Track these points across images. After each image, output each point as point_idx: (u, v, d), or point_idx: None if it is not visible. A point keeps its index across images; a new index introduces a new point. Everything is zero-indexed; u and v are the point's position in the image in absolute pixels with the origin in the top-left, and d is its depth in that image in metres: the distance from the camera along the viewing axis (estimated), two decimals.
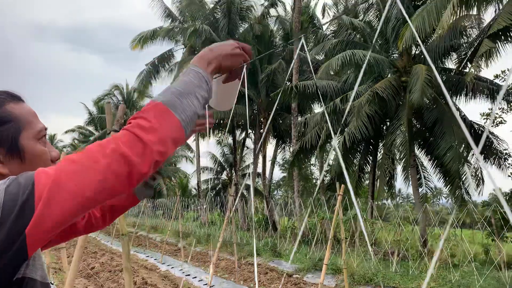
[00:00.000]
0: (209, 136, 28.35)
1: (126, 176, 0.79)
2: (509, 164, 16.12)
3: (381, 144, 17.75)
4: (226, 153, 34.87)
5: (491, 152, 15.52)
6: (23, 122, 0.96)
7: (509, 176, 16.22)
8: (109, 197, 0.80)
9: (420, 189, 16.36)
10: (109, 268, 10.46)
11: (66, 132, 41.91)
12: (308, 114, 21.46)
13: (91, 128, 40.20)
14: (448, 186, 15.26)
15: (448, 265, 10.80)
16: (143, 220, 21.93)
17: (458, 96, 15.91)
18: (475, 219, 12.56)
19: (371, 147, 18.00)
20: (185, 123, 0.88)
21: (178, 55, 26.06)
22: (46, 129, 1.02)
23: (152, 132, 0.82)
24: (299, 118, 20.29)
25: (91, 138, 35.39)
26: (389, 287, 9.40)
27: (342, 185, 6.50)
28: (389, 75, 16.18)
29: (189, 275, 10.82)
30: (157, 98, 0.88)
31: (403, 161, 15.79)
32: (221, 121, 24.95)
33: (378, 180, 18.12)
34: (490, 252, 12.71)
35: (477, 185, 15.38)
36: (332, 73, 18.03)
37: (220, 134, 28.38)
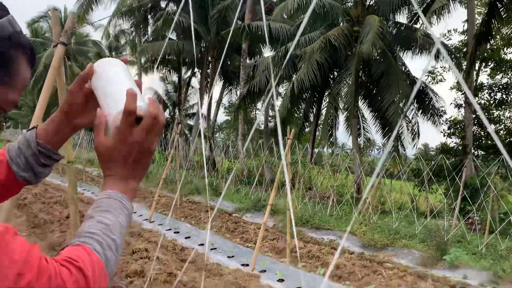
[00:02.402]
0: (153, 72, 27.28)
1: None
2: (442, 121, 17.06)
3: (326, 93, 17.99)
4: (169, 91, 33.88)
5: (428, 108, 16.26)
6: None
7: (441, 132, 17.22)
8: None
9: (359, 139, 17.00)
10: (42, 200, 10.02)
11: None
12: (258, 57, 21.10)
13: None
14: (386, 138, 15.95)
15: (379, 211, 11.50)
16: (80, 153, 21.11)
17: (406, 51, 16.26)
18: (405, 170, 13.26)
19: (317, 95, 18.20)
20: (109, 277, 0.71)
21: None
22: None
23: None
24: (249, 61, 19.91)
25: None
26: (324, 229, 9.84)
27: (293, 130, 6.48)
28: (342, 24, 16.09)
29: None
30: (96, 249, 0.68)
31: (346, 111, 16.17)
32: (166, 57, 23.93)
33: (320, 128, 18.54)
34: (415, 202, 13.62)
35: (413, 139, 16.20)
36: (285, 16, 17.63)
37: (164, 70, 27.35)
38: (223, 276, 5.81)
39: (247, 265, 6.46)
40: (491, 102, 18.09)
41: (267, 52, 22.09)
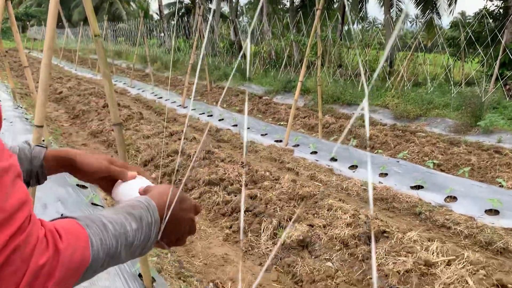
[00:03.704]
0: None
1: None
2: None
3: None
4: None
5: None
6: None
7: None
8: None
9: (391, 10, 16.01)
10: (77, 92, 10.29)
11: None
12: None
13: None
14: (421, 5, 14.92)
15: (410, 84, 11.24)
16: (106, 46, 21.04)
17: None
18: (440, 43, 12.57)
19: None
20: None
21: None
22: None
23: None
24: None
25: None
26: (355, 104, 9.82)
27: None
28: None
29: (161, 97, 10.87)
30: (93, 243, 0.59)
31: None
32: None
33: (350, 2, 17.43)
34: (451, 71, 13.17)
35: (449, 5, 15.09)
36: None
37: None
38: (258, 152, 6.03)
39: (281, 141, 6.65)
40: None
41: None
